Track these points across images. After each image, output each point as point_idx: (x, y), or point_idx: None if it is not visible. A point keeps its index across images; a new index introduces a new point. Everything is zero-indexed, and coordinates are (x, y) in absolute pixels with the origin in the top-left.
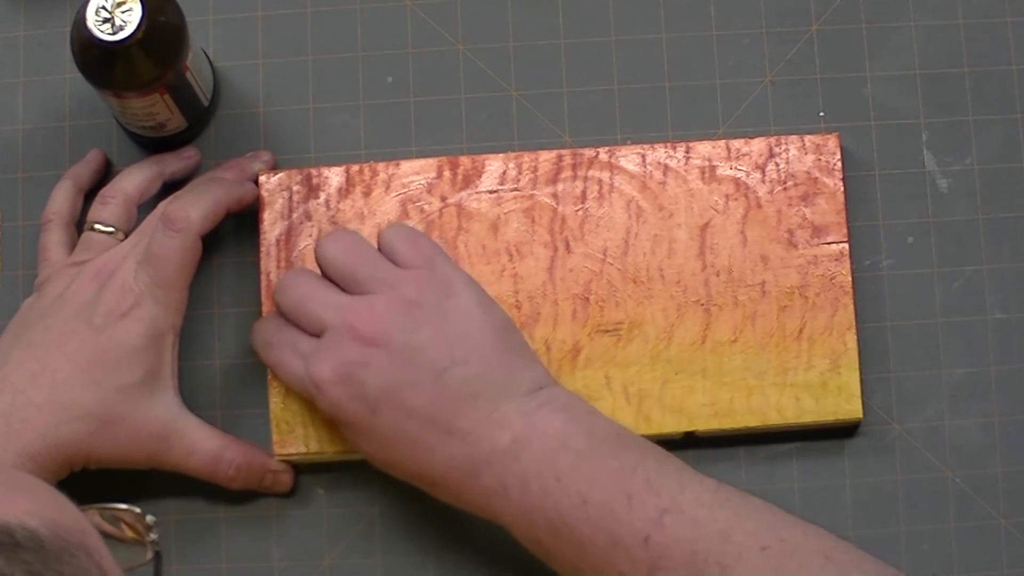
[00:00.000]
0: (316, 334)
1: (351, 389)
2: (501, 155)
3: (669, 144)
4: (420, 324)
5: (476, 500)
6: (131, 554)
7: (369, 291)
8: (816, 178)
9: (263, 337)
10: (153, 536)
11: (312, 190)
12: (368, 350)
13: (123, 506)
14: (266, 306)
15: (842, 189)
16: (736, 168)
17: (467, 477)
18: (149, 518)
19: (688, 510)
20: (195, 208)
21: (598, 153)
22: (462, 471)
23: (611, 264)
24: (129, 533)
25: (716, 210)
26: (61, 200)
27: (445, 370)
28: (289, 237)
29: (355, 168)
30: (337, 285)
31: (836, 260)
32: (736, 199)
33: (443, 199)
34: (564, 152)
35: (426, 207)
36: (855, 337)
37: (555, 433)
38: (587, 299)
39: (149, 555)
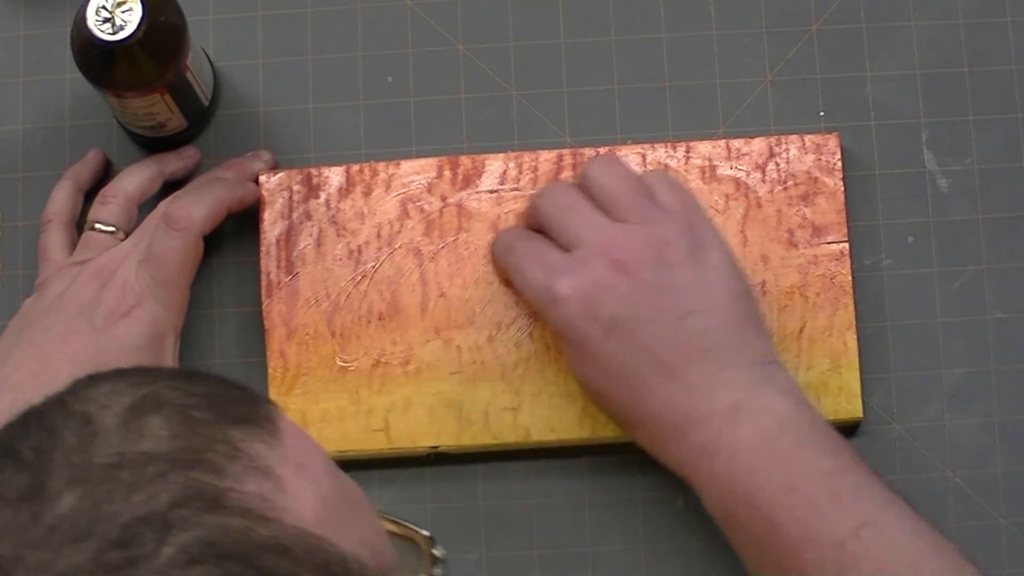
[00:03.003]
0: (565, 248)
1: (589, 309)
2: (501, 155)
3: (669, 144)
4: (671, 265)
5: (678, 454)
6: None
7: (628, 220)
8: (816, 178)
9: (507, 241)
10: (437, 572)
11: (312, 190)
12: (616, 275)
13: (419, 529)
14: (266, 305)
15: (842, 189)
16: (736, 168)
17: (677, 428)
18: (439, 551)
19: (887, 530)
20: (197, 208)
21: (598, 153)
22: (674, 420)
23: None
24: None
25: (716, 210)
26: (61, 200)
27: (684, 316)
28: (289, 237)
29: (355, 168)
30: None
31: (836, 260)
32: (736, 199)
33: (443, 199)
34: (564, 152)
35: (426, 207)
36: (855, 337)
37: (779, 414)
38: None
39: None
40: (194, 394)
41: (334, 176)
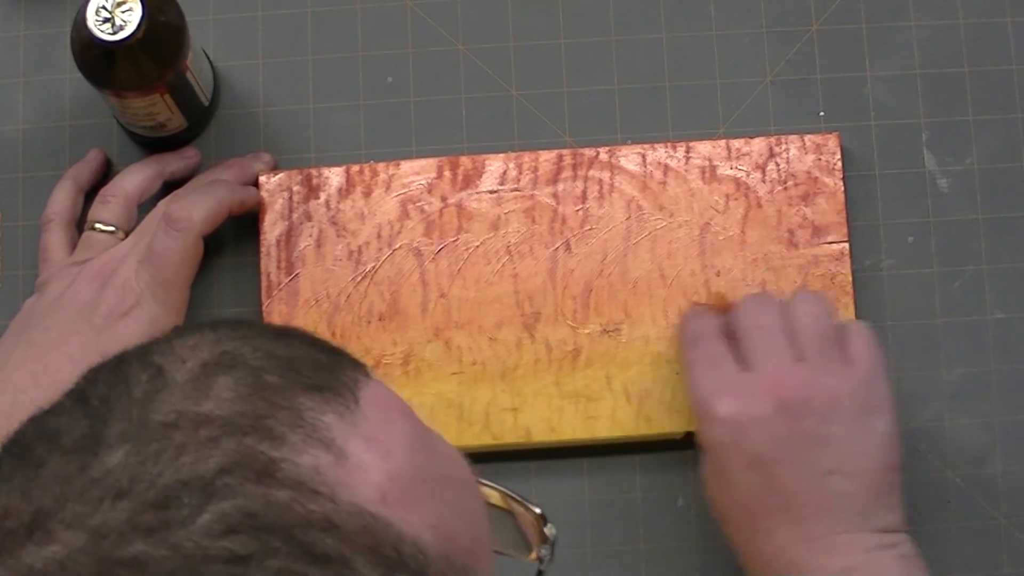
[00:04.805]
0: (744, 364)
1: (739, 438)
2: (501, 155)
3: (669, 144)
4: (835, 421)
5: None
6: (513, 551)
7: (811, 361)
8: (816, 178)
9: (697, 331)
10: (544, 552)
11: (312, 190)
12: (776, 415)
13: (531, 505)
14: (266, 306)
15: (842, 189)
16: (736, 168)
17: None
18: (549, 529)
19: None
20: (197, 208)
21: (598, 153)
22: (786, 567)
23: (611, 264)
24: (529, 527)
25: (716, 210)
26: (61, 200)
27: (828, 473)
28: (289, 238)
29: (355, 168)
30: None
31: (836, 260)
32: (736, 199)
33: (443, 199)
34: (564, 152)
35: (426, 207)
36: None
37: None
38: (587, 299)
39: (533, 562)
40: (275, 356)
41: (334, 177)
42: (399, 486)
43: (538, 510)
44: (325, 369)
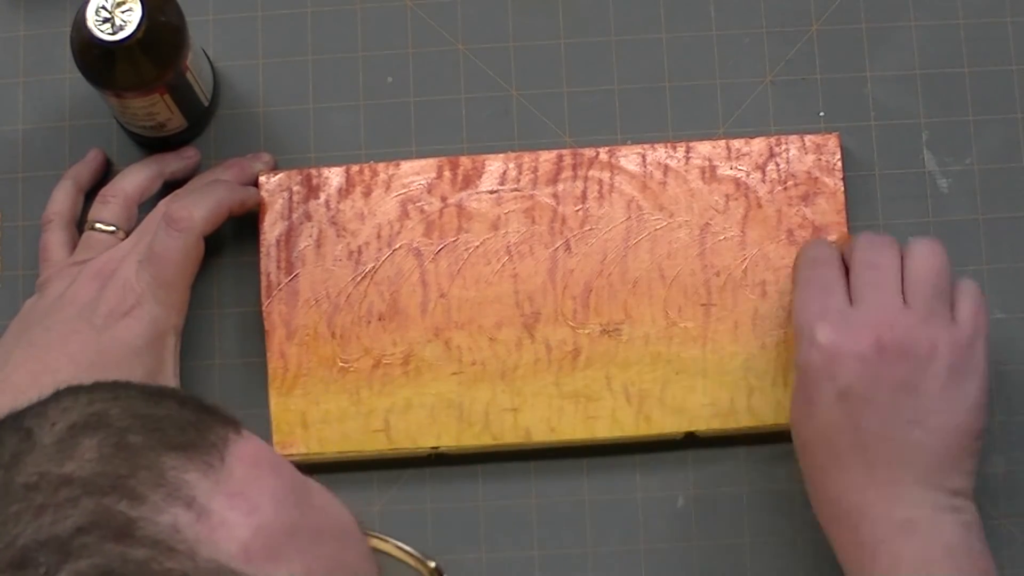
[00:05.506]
0: (852, 297)
1: (832, 367)
2: (501, 155)
3: (669, 144)
4: (927, 373)
5: (841, 537)
6: None
7: (915, 311)
8: (816, 178)
9: (818, 255)
10: None
11: (312, 190)
12: (873, 354)
13: (427, 559)
14: (266, 306)
15: (842, 189)
16: (736, 168)
17: (850, 515)
18: None
19: None
20: (198, 208)
21: (598, 153)
22: (851, 507)
23: (611, 264)
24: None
25: (716, 210)
26: (61, 200)
27: (910, 423)
28: (289, 237)
29: (355, 168)
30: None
31: None
32: (736, 199)
33: (443, 199)
34: (564, 152)
35: (426, 207)
36: None
37: (946, 540)
38: (587, 299)
39: None
40: (141, 416)
41: (334, 177)
42: (264, 541)
43: (432, 563)
44: (192, 428)
